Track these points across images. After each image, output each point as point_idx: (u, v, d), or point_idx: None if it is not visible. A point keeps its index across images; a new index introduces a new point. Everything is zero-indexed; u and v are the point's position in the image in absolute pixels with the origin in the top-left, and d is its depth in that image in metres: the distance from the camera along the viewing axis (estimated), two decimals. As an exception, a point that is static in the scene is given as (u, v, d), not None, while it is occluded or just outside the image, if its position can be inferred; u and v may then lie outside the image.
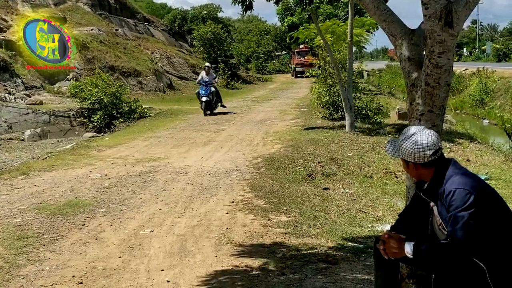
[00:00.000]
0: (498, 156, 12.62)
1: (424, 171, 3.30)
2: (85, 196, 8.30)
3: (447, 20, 3.58)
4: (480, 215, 2.98)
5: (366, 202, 7.82)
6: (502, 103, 27.26)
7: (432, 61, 3.70)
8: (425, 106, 3.79)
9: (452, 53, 3.73)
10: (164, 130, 16.27)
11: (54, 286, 4.91)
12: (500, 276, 3.04)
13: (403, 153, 3.29)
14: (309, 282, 4.79)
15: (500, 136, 19.01)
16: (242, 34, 72.86)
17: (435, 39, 3.64)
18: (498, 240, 3.05)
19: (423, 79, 3.79)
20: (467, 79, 34.99)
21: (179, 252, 5.79)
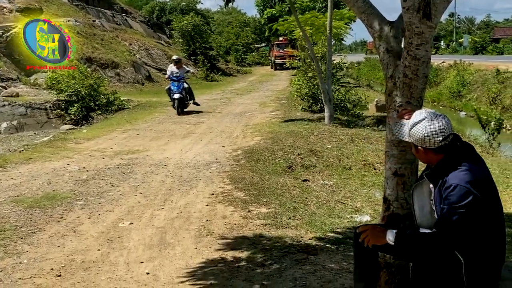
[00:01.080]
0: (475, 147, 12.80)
1: (433, 156, 3.23)
2: (63, 189, 8.24)
3: (425, 12, 3.60)
4: (472, 216, 2.99)
5: (345, 193, 7.89)
6: (479, 95, 27.60)
7: (410, 53, 3.73)
8: (403, 97, 3.82)
9: (430, 45, 3.76)
10: (142, 123, 16.19)
11: (32, 279, 4.88)
12: (475, 270, 3.08)
13: (413, 137, 3.21)
14: (288, 272, 4.83)
15: (477, 128, 19.24)
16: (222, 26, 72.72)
17: (413, 31, 3.67)
18: (480, 237, 3.08)
19: (401, 71, 3.82)
20: (445, 72, 35.38)
21: (158, 244, 5.78)
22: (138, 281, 4.78)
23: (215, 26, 69.36)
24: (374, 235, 3.21)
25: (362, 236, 3.33)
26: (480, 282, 3.10)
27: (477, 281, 3.09)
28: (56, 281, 4.83)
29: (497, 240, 3.15)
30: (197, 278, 4.80)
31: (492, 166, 10.01)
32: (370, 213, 6.78)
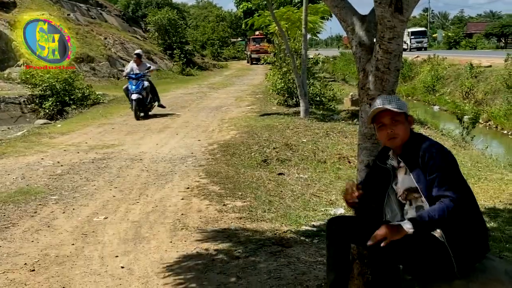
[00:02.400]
0: (448, 141, 12.98)
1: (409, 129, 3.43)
2: (37, 184, 8.16)
3: (397, 6, 3.63)
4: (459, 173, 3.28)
5: (320, 186, 7.93)
6: (452, 89, 27.88)
7: (382, 47, 3.75)
8: (376, 90, 3.85)
9: (402, 39, 3.79)
10: (118, 117, 16.08)
11: (5, 274, 4.83)
12: (456, 238, 3.17)
13: (406, 107, 3.43)
14: (263, 265, 4.84)
15: (450, 121, 19.46)
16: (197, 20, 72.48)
17: (385, 24, 3.70)
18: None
19: (373, 64, 3.84)
20: (419, 66, 35.68)
21: (133, 238, 5.76)
22: (112, 275, 4.76)
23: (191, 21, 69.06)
24: (392, 233, 3.07)
25: (377, 239, 3.12)
26: (466, 251, 3.18)
27: (460, 246, 3.17)
28: (30, 276, 4.79)
29: (478, 212, 3.33)
30: (172, 272, 4.79)
31: (464, 159, 10.19)
32: (344, 206, 6.82)
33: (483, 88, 24.83)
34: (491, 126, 20.56)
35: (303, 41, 15.88)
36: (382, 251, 3.13)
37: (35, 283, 4.63)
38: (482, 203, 7.01)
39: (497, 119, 20.57)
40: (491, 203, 7.06)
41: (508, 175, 9.17)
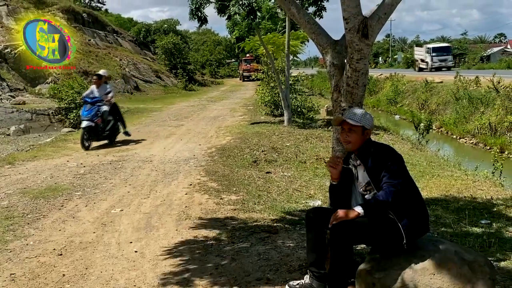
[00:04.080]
0: (407, 144, 13.04)
1: (366, 138, 3.53)
2: (63, 182, 8.11)
3: (364, 32, 3.67)
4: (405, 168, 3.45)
5: (301, 183, 7.93)
6: (410, 101, 28.06)
7: (352, 66, 3.78)
8: (347, 102, 3.88)
9: (368, 60, 3.83)
10: (131, 126, 15.95)
11: (37, 258, 4.79)
12: (403, 216, 3.34)
13: (367, 122, 3.50)
14: (254, 248, 4.84)
15: (408, 128, 19.55)
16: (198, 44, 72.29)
17: (354, 48, 3.73)
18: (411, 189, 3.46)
19: (344, 81, 3.87)
20: (382, 82, 35.91)
21: (145, 227, 5.73)
22: (127, 258, 4.74)
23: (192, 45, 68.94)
24: (346, 215, 3.25)
25: (333, 219, 3.32)
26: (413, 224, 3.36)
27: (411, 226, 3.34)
28: (58, 259, 4.75)
29: (420, 198, 3.53)
30: (177, 255, 4.77)
31: (420, 159, 10.23)
32: (321, 199, 6.83)
33: (435, 100, 24.99)
34: (442, 132, 20.69)
35: (286, 62, 15.94)
36: (341, 233, 3.26)
37: (62, 265, 4.59)
38: (435, 195, 7.06)
39: (447, 126, 20.73)
40: (443, 195, 7.10)
41: (456, 173, 9.23)
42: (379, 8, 3.77)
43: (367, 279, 3.36)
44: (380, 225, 3.32)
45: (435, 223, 5.54)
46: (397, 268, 3.24)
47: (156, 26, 58.41)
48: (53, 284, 4.18)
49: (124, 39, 42.60)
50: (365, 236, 3.36)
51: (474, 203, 6.60)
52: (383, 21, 3.77)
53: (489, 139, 17.20)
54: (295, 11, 4.34)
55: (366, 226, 3.28)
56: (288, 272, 4.18)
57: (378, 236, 3.35)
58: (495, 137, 17.21)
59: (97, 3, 59.21)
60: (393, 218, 3.32)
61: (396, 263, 3.27)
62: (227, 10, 13.70)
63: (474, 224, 5.58)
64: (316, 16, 13.05)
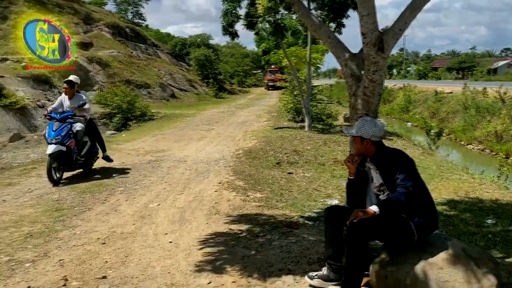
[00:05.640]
0: (418, 149, 12.84)
1: (372, 147, 3.50)
2: (107, 178, 8.24)
3: (380, 46, 3.64)
4: (416, 172, 3.42)
5: (320, 183, 7.88)
6: (421, 110, 27.65)
7: (369, 77, 3.76)
8: (363, 110, 3.85)
9: (383, 71, 3.79)
10: (167, 129, 16.17)
11: (83, 246, 4.87)
12: (414, 215, 3.33)
13: (365, 132, 3.47)
14: (277, 242, 4.83)
15: (420, 135, 19.26)
16: (228, 56, 72.50)
17: (370, 60, 3.70)
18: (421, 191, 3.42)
19: (361, 90, 3.85)
20: (396, 92, 35.46)
21: (179, 220, 5.78)
22: (163, 248, 4.78)
23: (222, 57, 69.16)
24: (363, 214, 3.23)
25: (352, 217, 3.28)
26: (423, 226, 3.33)
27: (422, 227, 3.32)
28: (102, 248, 4.82)
29: (430, 198, 3.48)
30: (208, 246, 4.79)
31: (430, 163, 10.06)
32: (338, 198, 6.78)
33: (445, 109, 24.58)
34: (451, 139, 20.31)
35: (308, 73, 15.90)
36: (358, 229, 3.23)
37: (105, 253, 4.65)
38: (444, 196, 6.94)
39: (456, 133, 20.37)
40: (451, 197, 6.97)
41: (464, 176, 9.04)
42: (394, 24, 3.73)
43: (380, 272, 3.32)
44: (393, 223, 3.30)
45: (444, 222, 5.44)
46: (408, 262, 3.20)
47: (191, 40, 58.77)
48: (97, 269, 4.23)
49: (162, 51, 43.05)
50: (380, 232, 3.34)
51: (481, 204, 6.46)
52: (397, 36, 3.74)
53: (495, 145, 16.84)
54: (317, 27, 4.34)
55: (381, 223, 3.26)
56: (308, 264, 4.17)
57: (392, 233, 3.33)
58: (501, 143, 16.85)
59: (138, 19, 60.06)
60: (405, 217, 3.29)
61: (407, 258, 3.23)
62: (256, 27, 13.76)
63: (481, 223, 5.47)
64: (336, 32, 13.01)
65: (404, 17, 3.73)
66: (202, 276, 4.01)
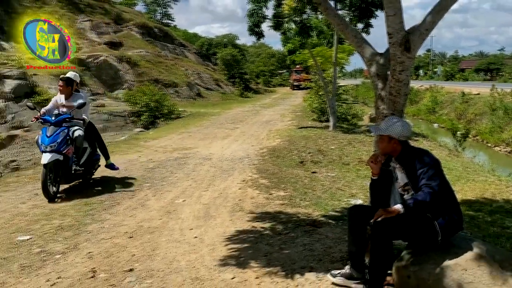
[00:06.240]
0: (444, 150, 12.62)
1: (398, 146, 3.48)
2: (135, 174, 8.36)
3: (406, 46, 3.60)
4: (442, 172, 3.37)
5: (344, 183, 7.83)
6: (448, 111, 27.16)
7: (395, 77, 3.72)
8: (389, 110, 3.82)
9: (409, 71, 3.75)
10: (194, 127, 16.31)
11: (111, 239, 4.98)
12: (438, 215, 3.29)
13: (393, 131, 3.45)
14: (299, 240, 4.83)
15: (446, 136, 18.92)
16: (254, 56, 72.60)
17: (397, 60, 3.67)
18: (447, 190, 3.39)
19: (387, 90, 3.81)
20: (422, 93, 34.92)
21: (204, 216, 5.83)
22: (188, 243, 4.84)
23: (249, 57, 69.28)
24: (387, 213, 3.20)
25: (377, 216, 3.25)
26: (448, 226, 3.30)
27: (447, 226, 3.29)
28: (129, 241, 4.92)
29: (454, 199, 3.44)
30: (232, 242, 4.83)
31: (456, 165, 9.88)
32: (362, 198, 6.73)
33: (472, 111, 24.10)
34: (478, 140, 19.91)
35: (333, 73, 15.79)
36: (383, 228, 3.22)
37: (132, 247, 4.74)
38: (469, 198, 6.80)
39: (483, 135, 19.96)
40: (477, 198, 6.83)
41: (490, 178, 8.84)
42: (421, 25, 3.69)
43: (403, 271, 3.29)
44: (418, 222, 3.27)
45: (469, 223, 5.34)
46: (431, 262, 3.17)
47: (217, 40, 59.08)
48: (125, 262, 4.32)
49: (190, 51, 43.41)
50: (404, 232, 3.31)
51: (507, 207, 6.31)
52: (424, 36, 3.69)
53: (524, 148, 16.42)
54: (343, 26, 4.32)
55: (405, 223, 3.23)
56: (330, 262, 4.16)
57: (416, 233, 3.30)
58: (530, 146, 16.42)
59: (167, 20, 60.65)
60: (430, 217, 3.26)
61: (431, 258, 3.20)
62: (282, 27, 13.76)
63: (506, 226, 5.34)
64: (364, 32, 12.89)
65: (431, 18, 3.68)
66: (226, 271, 4.05)
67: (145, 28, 36.60)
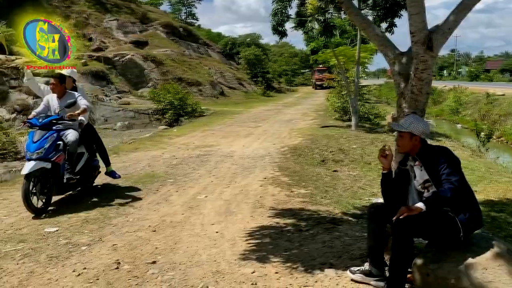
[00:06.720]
0: (467, 151, 12.42)
1: (418, 143, 3.47)
2: (159, 170, 8.48)
3: (429, 45, 3.58)
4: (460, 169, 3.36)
5: (365, 182, 7.79)
6: (472, 112, 26.65)
7: (417, 76, 3.70)
8: (410, 108, 3.79)
9: (431, 70, 3.72)
10: (216, 125, 16.42)
11: (135, 232, 5.07)
12: (459, 212, 3.27)
13: (415, 128, 3.44)
14: (320, 237, 4.83)
15: (469, 137, 18.59)
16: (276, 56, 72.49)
17: (419, 59, 3.65)
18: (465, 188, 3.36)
19: (409, 89, 3.79)
20: (446, 93, 34.35)
21: (225, 212, 5.88)
22: (209, 237, 4.89)
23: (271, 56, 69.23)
24: (409, 211, 3.18)
25: (399, 214, 3.22)
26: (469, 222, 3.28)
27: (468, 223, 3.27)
28: (152, 235, 5.00)
29: (473, 196, 3.41)
30: (252, 237, 4.86)
31: (479, 165, 9.71)
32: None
33: (497, 112, 23.60)
34: (502, 141, 19.48)
35: (356, 72, 15.68)
36: (404, 226, 3.19)
37: (155, 240, 4.82)
38: (492, 198, 6.68)
39: (507, 136, 19.53)
40: (500, 199, 6.70)
41: (515, 179, 8.66)
42: (443, 24, 3.66)
43: (422, 269, 3.27)
44: (439, 219, 3.26)
45: (491, 224, 5.25)
46: (451, 261, 3.14)
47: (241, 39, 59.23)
48: (148, 255, 4.39)
49: (213, 50, 43.67)
50: (425, 230, 3.29)
51: (532, 209, 6.18)
52: (447, 35, 3.66)
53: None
54: (366, 26, 4.31)
55: (427, 220, 3.21)
56: (350, 259, 4.15)
57: (438, 230, 3.28)
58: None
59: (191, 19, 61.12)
60: (450, 213, 3.24)
61: (450, 257, 3.17)
62: (305, 26, 13.73)
63: (530, 228, 5.24)
64: (387, 31, 12.75)
65: (454, 17, 3.64)
66: (246, 265, 4.08)
67: (170, 27, 36.99)
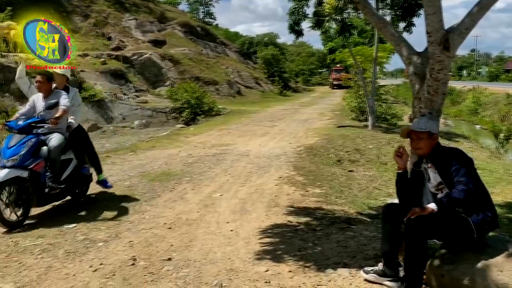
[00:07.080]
0: (485, 152, 12.25)
1: (435, 142, 3.46)
2: (175, 168, 8.55)
3: (445, 45, 3.54)
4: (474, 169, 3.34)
5: (381, 182, 7.74)
6: (492, 113, 26.25)
7: (433, 76, 3.67)
8: (426, 109, 3.76)
9: (448, 70, 3.68)
10: (233, 124, 16.46)
11: (151, 229, 5.12)
12: (473, 213, 3.24)
13: (432, 127, 3.45)
14: (334, 236, 4.83)
15: (488, 137, 18.30)
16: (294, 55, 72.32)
17: (435, 59, 3.61)
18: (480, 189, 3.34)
19: (425, 89, 3.76)
20: (465, 94, 33.90)
21: (240, 210, 5.90)
22: (224, 236, 4.92)
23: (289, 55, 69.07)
24: (421, 211, 3.16)
25: (410, 214, 3.21)
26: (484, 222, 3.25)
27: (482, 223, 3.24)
28: (168, 232, 5.05)
29: (488, 197, 3.37)
30: (266, 236, 4.88)
31: (497, 167, 9.57)
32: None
33: (518, 112, 23.21)
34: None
35: (373, 72, 15.58)
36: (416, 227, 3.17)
37: (171, 237, 4.86)
38: (510, 201, 6.58)
39: (528, 137, 19.15)
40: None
41: (535, 181, 8.51)
42: (460, 24, 3.62)
43: (436, 270, 3.25)
44: (452, 221, 3.23)
45: (508, 226, 5.17)
46: (465, 262, 3.12)
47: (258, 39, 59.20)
48: (163, 252, 4.44)
49: (231, 50, 43.75)
50: (439, 231, 3.26)
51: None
52: (464, 35, 3.61)
53: None
54: (382, 25, 4.28)
55: (440, 222, 3.19)
56: (364, 260, 4.14)
57: (451, 231, 3.24)
58: None
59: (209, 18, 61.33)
60: (463, 214, 3.21)
61: (465, 258, 3.15)
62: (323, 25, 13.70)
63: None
64: (405, 31, 12.66)
65: (471, 16, 3.60)
66: (260, 263, 4.10)
67: (188, 26, 37.17)
